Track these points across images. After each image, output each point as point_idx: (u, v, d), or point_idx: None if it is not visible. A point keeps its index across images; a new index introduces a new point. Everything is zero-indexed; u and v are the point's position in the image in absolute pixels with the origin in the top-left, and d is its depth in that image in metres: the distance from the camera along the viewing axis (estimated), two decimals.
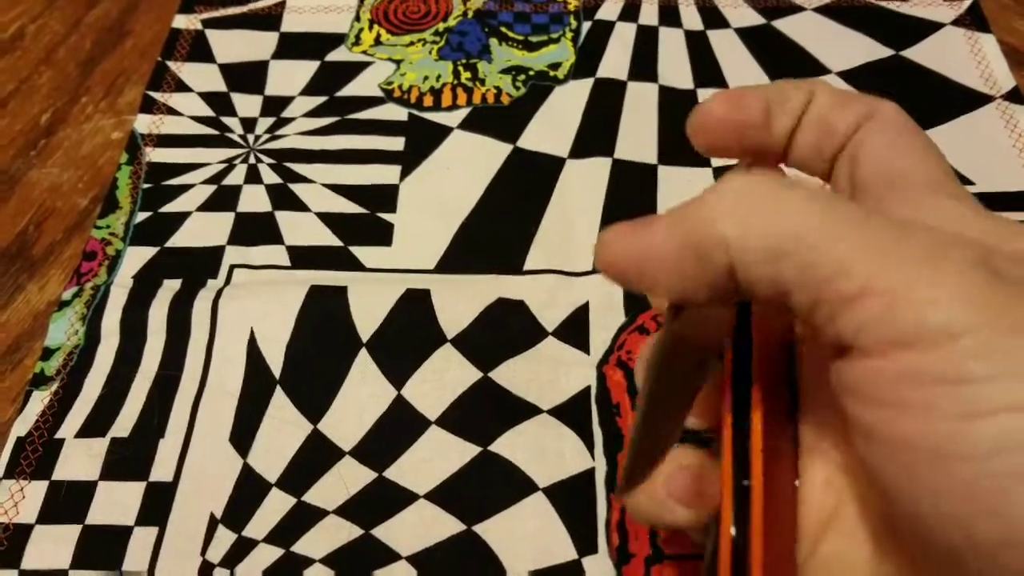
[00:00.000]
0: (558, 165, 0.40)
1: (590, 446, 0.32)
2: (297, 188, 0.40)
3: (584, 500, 0.30)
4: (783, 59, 0.44)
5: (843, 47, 0.44)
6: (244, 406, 0.33)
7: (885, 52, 0.44)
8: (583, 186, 0.39)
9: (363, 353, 0.34)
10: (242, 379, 0.33)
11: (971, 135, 0.40)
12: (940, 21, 0.45)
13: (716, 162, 0.39)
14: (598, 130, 0.41)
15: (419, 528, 0.30)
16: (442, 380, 0.33)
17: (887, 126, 0.20)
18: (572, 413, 0.32)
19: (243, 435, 0.32)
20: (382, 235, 0.38)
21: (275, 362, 0.34)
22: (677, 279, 0.18)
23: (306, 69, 0.44)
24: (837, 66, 0.43)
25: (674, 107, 0.42)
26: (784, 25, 0.45)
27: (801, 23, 0.45)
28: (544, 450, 0.32)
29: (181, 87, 0.44)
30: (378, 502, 0.31)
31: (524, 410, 0.33)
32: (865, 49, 0.44)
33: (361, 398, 0.33)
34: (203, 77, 0.44)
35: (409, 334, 0.34)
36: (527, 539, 0.30)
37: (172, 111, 0.43)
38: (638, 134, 0.41)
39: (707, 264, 0.17)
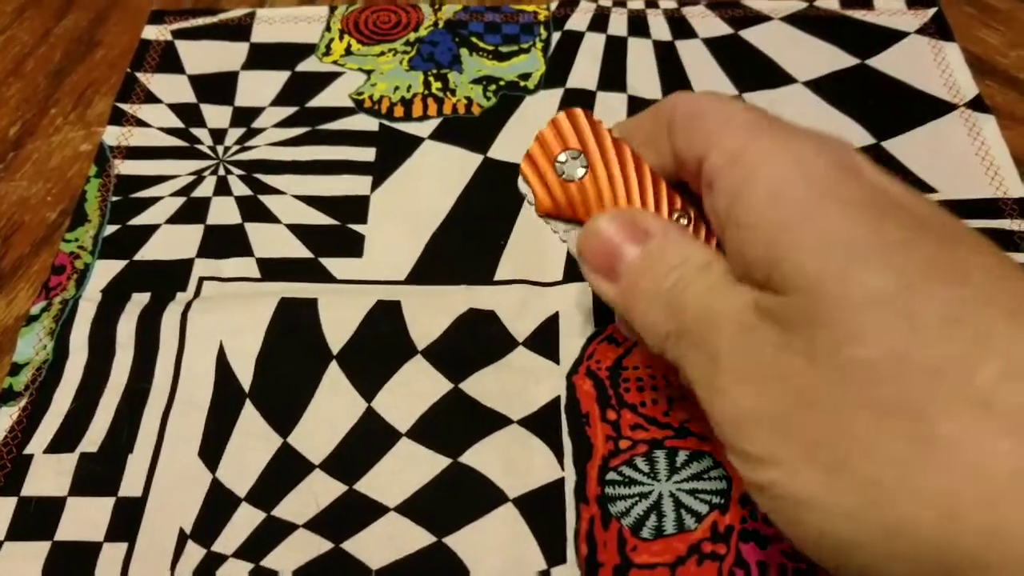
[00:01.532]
0: None
1: (560, 456, 0.32)
2: (267, 200, 0.40)
3: (553, 510, 0.31)
4: (750, 69, 0.44)
5: (809, 56, 0.45)
6: (213, 420, 0.33)
7: (851, 61, 0.44)
8: None
9: (333, 365, 0.34)
10: (211, 393, 0.33)
11: (935, 143, 0.41)
12: (904, 30, 0.46)
13: None
14: None
15: (389, 541, 0.30)
16: (412, 392, 0.33)
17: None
18: (542, 423, 0.33)
19: (212, 449, 0.32)
20: (353, 246, 0.38)
21: (244, 375, 0.34)
22: None
23: (276, 79, 0.44)
24: (803, 75, 0.44)
25: None
26: (751, 35, 0.46)
27: (768, 33, 0.46)
28: (514, 461, 0.32)
29: (150, 98, 0.44)
30: (348, 515, 0.31)
31: (494, 421, 0.33)
32: (831, 58, 0.45)
33: (331, 411, 0.33)
34: (173, 88, 0.44)
35: (379, 346, 0.35)
36: (497, 550, 0.30)
37: (141, 123, 0.43)
38: None
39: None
